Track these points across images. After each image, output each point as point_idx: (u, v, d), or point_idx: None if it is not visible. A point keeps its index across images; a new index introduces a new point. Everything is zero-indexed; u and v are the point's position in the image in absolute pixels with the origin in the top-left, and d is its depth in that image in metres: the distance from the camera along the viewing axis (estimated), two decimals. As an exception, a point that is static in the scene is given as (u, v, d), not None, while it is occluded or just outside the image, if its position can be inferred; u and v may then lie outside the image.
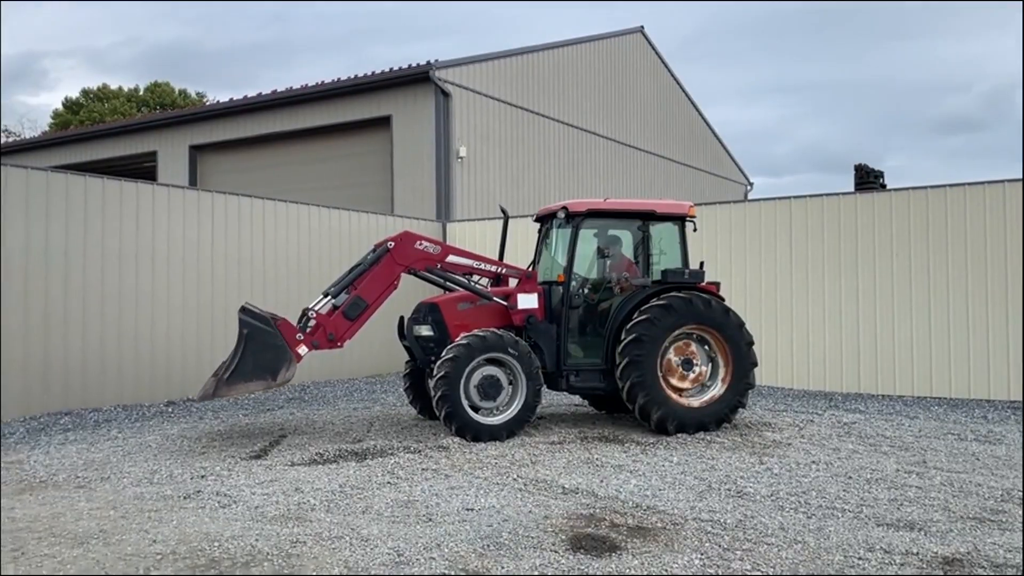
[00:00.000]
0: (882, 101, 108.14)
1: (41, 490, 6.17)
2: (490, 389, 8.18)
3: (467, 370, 8.02)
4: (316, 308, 8.18)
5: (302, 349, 7.95)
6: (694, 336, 8.72)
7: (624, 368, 8.33)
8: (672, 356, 8.61)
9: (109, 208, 10.55)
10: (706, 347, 8.79)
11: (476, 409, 8.14)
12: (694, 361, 8.70)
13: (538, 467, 6.99)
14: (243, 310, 8.01)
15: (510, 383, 8.29)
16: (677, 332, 8.52)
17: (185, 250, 11.43)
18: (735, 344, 8.70)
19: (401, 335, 9.14)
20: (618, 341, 8.46)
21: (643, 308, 8.44)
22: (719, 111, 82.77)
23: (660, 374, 8.46)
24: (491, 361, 8.21)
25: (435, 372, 8.07)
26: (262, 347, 7.74)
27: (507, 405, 8.28)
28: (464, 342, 8.06)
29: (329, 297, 8.31)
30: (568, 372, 8.74)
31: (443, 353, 8.12)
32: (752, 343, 8.83)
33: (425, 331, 8.70)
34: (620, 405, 9.16)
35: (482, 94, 18.28)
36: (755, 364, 8.87)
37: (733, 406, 8.73)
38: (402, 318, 9.16)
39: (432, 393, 8.11)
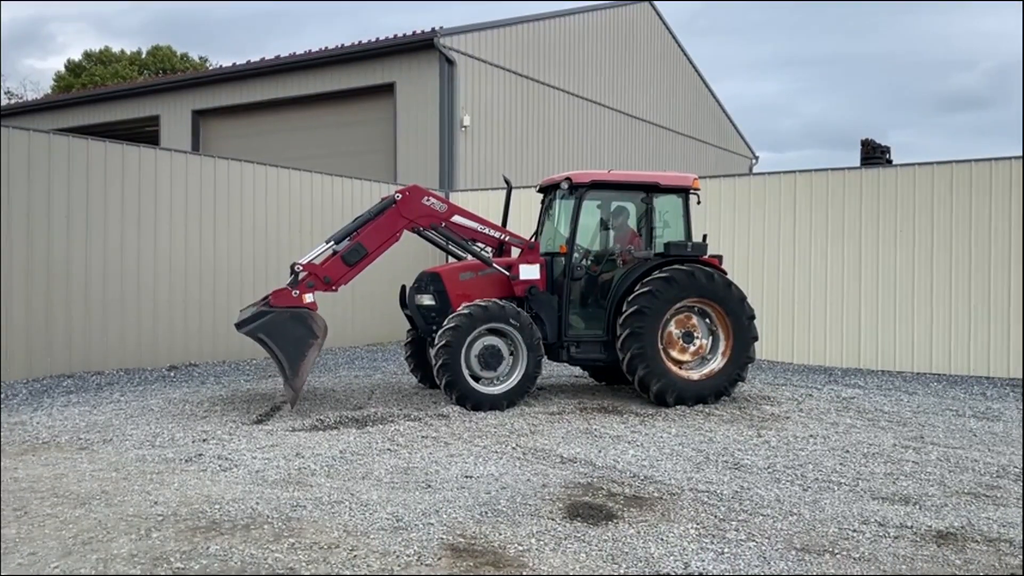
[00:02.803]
0: (888, 76, 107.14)
1: (44, 451, 6.23)
2: (491, 359, 8.21)
3: (468, 340, 8.04)
4: (304, 260, 8.12)
5: (308, 297, 7.90)
6: (695, 309, 8.72)
7: (625, 340, 8.34)
8: (673, 329, 8.62)
9: (111, 172, 10.52)
10: (707, 320, 8.79)
11: (477, 379, 8.18)
12: (695, 334, 8.71)
13: (537, 436, 7.04)
14: (239, 326, 7.90)
15: (511, 353, 8.31)
16: (678, 305, 8.52)
17: (187, 215, 11.42)
18: (736, 318, 8.70)
19: (403, 304, 9.15)
20: (619, 313, 8.47)
21: (645, 280, 8.43)
22: (725, 84, 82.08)
23: (661, 346, 8.47)
24: (492, 331, 8.23)
25: (436, 341, 8.09)
26: (283, 329, 7.66)
27: (507, 375, 8.31)
28: (465, 312, 8.08)
29: (331, 242, 8.29)
30: (569, 343, 8.76)
31: (444, 323, 8.13)
32: (753, 317, 8.84)
33: (427, 300, 8.71)
34: (620, 376, 9.19)
35: (487, 62, 18.10)
36: (756, 338, 8.88)
37: (733, 379, 8.76)
38: (404, 287, 9.17)
39: (433, 362, 8.14)
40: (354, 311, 13.56)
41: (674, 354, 8.64)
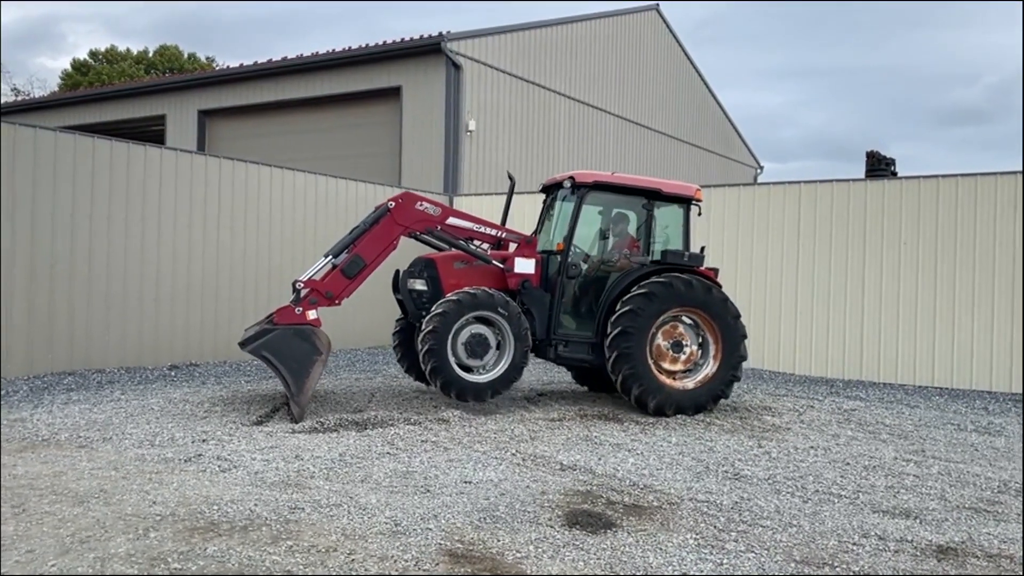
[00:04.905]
0: (890, 89, 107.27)
1: (43, 448, 6.22)
2: (478, 347, 8.13)
3: (456, 326, 7.97)
4: (304, 277, 8.12)
5: (311, 314, 7.90)
6: (680, 318, 8.66)
7: (615, 361, 8.29)
8: (661, 341, 8.54)
9: (116, 170, 10.54)
10: (694, 327, 8.73)
11: (463, 367, 8.10)
12: (684, 342, 8.63)
13: (537, 443, 7.02)
14: (243, 345, 7.88)
15: (498, 343, 8.24)
16: (662, 318, 8.44)
17: (191, 215, 11.43)
18: (721, 319, 8.61)
19: (396, 288, 9.09)
20: (610, 319, 8.41)
21: (625, 299, 8.34)
22: (728, 94, 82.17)
23: (651, 362, 8.41)
24: (480, 320, 8.16)
25: (423, 327, 8.00)
26: (288, 346, 7.62)
27: (494, 364, 8.23)
28: (454, 298, 8.01)
29: (330, 257, 8.29)
30: (557, 341, 8.69)
31: (432, 308, 8.06)
32: (738, 315, 8.73)
33: (419, 285, 8.63)
34: (606, 382, 9.13)
35: (493, 67, 18.13)
36: (744, 336, 8.78)
37: (728, 381, 8.68)
38: (398, 271, 9.05)
39: (419, 347, 8.04)
40: (355, 313, 13.53)
41: (666, 365, 8.57)
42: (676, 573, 4.16)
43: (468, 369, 8.17)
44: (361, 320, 13.69)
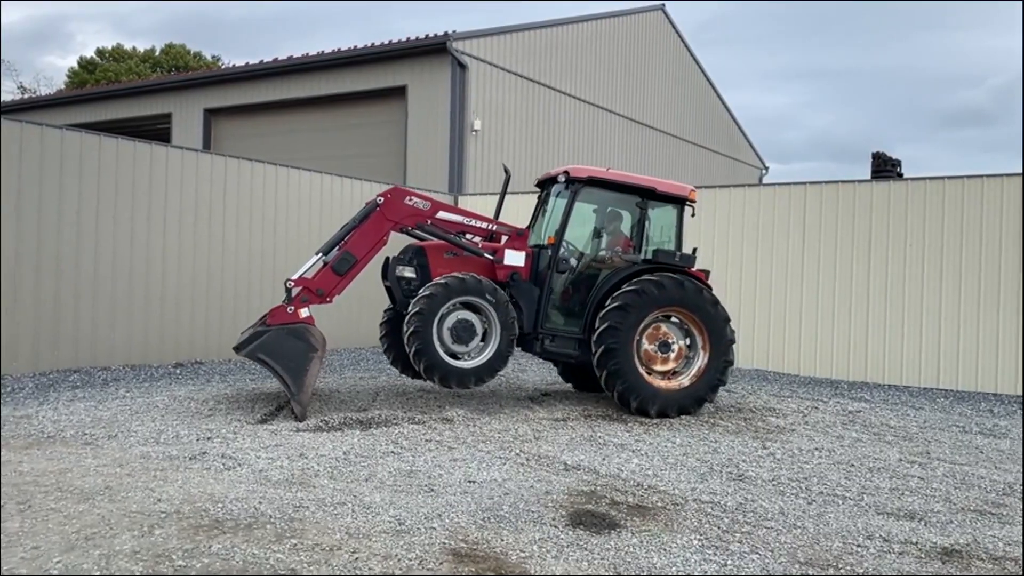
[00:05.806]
0: (894, 91, 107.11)
1: (49, 445, 6.24)
2: (463, 333, 8.06)
3: (442, 310, 7.92)
4: (295, 276, 8.10)
5: (303, 312, 7.91)
6: (662, 319, 8.60)
7: (607, 379, 8.26)
8: (648, 345, 8.50)
9: (123, 168, 10.56)
10: (678, 324, 8.68)
11: (448, 353, 8.03)
12: (670, 341, 8.57)
13: (541, 443, 7.02)
14: (238, 349, 7.89)
15: (484, 331, 8.18)
16: (642, 325, 8.39)
17: (197, 213, 11.45)
18: (701, 310, 8.52)
19: (384, 276, 9.02)
20: (592, 336, 8.37)
21: (602, 315, 8.29)
22: (731, 95, 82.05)
23: (642, 370, 8.36)
24: (467, 306, 8.11)
25: (410, 309, 7.94)
26: (283, 346, 7.63)
27: (479, 352, 8.18)
28: (442, 282, 7.97)
29: (320, 255, 8.28)
30: (544, 335, 8.64)
31: (420, 291, 8.02)
32: (717, 302, 8.65)
33: (408, 273, 8.58)
34: (592, 381, 9.09)
35: (499, 67, 18.13)
36: (727, 319, 8.70)
37: (722, 368, 8.62)
38: (388, 258, 8.98)
39: (405, 329, 7.95)
40: (360, 313, 13.57)
41: (658, 367, 8.53)
42: (680, 574, 4.17)
43: (453, 355, 8.10)
44: (365, 320, 13.70)
